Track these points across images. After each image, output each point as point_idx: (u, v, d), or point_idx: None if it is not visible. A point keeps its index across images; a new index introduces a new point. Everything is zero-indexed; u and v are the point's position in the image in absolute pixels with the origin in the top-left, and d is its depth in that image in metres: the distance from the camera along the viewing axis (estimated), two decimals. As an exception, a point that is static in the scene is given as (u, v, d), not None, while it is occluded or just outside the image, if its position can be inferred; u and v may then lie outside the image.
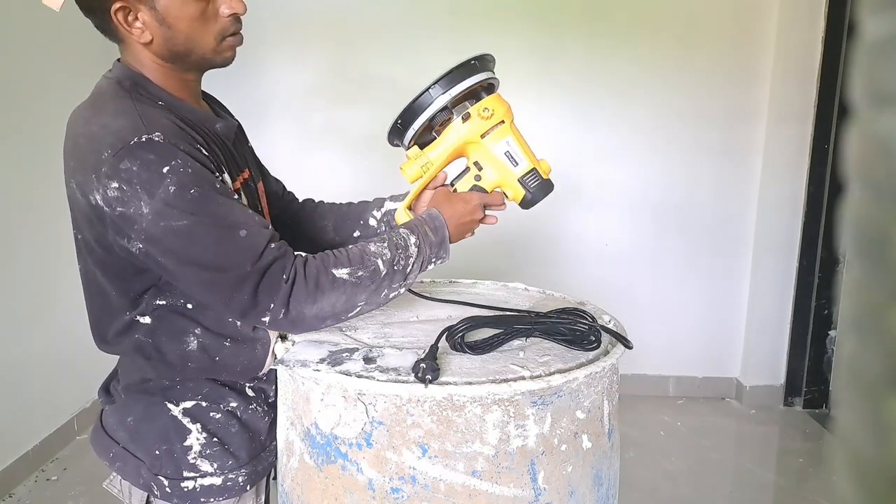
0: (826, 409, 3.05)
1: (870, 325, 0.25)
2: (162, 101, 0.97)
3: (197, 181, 0.90)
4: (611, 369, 1.02)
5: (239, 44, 1.03)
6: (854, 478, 0.26)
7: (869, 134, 0.25)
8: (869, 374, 0.25)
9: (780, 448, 2.90)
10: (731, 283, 3.12)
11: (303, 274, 0.95)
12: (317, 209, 1.34)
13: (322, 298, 0.96)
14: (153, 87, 0.98)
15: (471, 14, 2.92)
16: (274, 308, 0.94)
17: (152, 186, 0.88)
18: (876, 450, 0.24)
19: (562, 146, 3.02)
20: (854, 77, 0.26)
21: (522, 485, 0.91)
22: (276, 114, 3.04)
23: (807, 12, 2.81)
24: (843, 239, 0.27)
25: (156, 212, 0.89)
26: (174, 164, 0.89)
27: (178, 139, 0.91)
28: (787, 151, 2.92)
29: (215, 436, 1.06)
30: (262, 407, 1.12)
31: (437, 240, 1.06)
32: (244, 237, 0.92)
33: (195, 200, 0.89)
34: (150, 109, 0.93)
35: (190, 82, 1.04)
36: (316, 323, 0.99)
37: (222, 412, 1.07)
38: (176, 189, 0.88)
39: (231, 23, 0.99)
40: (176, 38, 0.96)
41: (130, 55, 0.99)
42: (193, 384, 1.06)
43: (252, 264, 0.92)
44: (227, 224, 0.92)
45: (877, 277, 0.24)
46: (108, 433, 1.09)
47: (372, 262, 0.99)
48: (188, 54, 0.98)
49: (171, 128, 0.92)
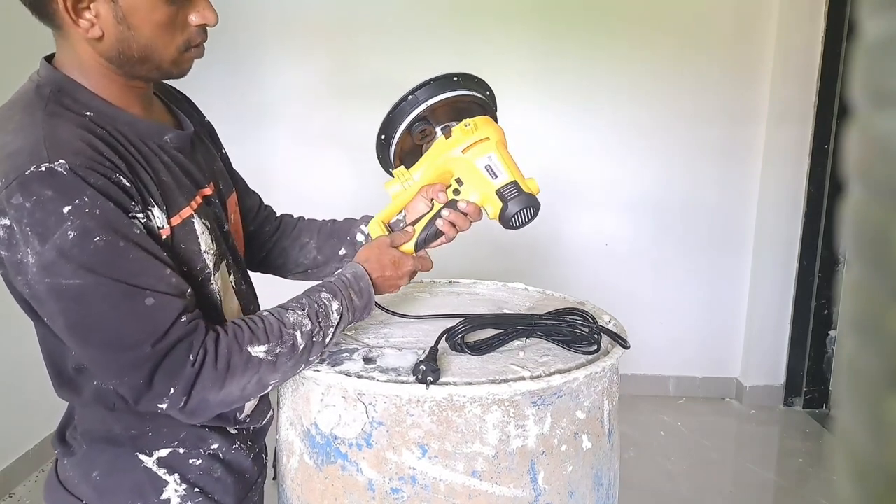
0: (826, 409, 3.05)
1: (870, 326, 0.25)
2: (91, 112, 0.81)
3: (105, 227, 0.74)
4: (610, 369, 1.02)
5: (200, 56, 0.89)
6: (854, 478, 0.26)
7: (869, 134, 0.25)
8: (869, 374, 0.25)
9: (780, 448, 2.90)
10: (731, 283, 3.12)
11: (213, 355, 0.80)
12: (297, 225, 1.21)
13: (232, 382, 0.82)
14: (84, 95, 0.82)
15: (471, 14, 2.92)
16: (173, 395, 0.79)
17: (46, 230, 0.72)
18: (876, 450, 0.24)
19: (562, 146, 3.02)
20: (854, 77, 0.26)
21: (522, 485, 0.91)
22: (276, 115, 3.04)
23: (807, 12, 2.81)
24: (843, 239, 0.27)
25: (44, 264, 0.73)
26: (78, 202, 0.72)
27: (88, 169, 0.74)
28: (787, 151, 2.92)
29: (196, 485, 0.94)
30: (245, 443, 1.01)
31: (362, 304, 0.97)
32: (149, 307, 0.76)
33: (98, 252, 0.73)
34: (62, 126, 0.77)
35: (138, 90, 0.88)
36: (217, 409, 0.85)
37: (203, 457, 0.95)
38: (76, 235, 0.72)
39: (198, 33, 0.86)
40: (134, 42, 0.81)
41: (68, 48, 0.83)
42: (168, 430, 0.92)
43: (153, 343, 0.77)
44: (131, 288, 0.75)
45: (877, 277, 0.24)
46: (68, 489, 0.93)
47: (290, 335, 0.86)
48: (143, 62, 0.83)
49: (82, 152, 0.75)
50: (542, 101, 2.99)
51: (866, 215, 0.25)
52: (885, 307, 0.24)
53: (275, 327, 0.86)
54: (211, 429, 0.95)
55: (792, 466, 2.69)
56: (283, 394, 1.04)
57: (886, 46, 0.24)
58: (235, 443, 0.99)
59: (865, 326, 0.25)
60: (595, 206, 3.07)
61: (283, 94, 3.03)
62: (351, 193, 3.00)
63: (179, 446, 0.93)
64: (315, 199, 2.92)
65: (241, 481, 1.00)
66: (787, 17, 2.84)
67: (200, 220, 0.89)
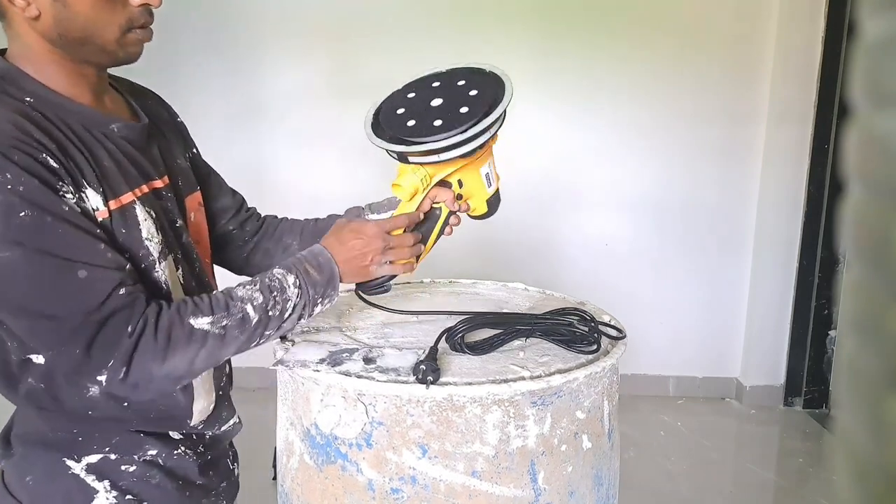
0: (826, 409, 3.05)
1: (870, 326, 0.25)
2: (32, 98, 0.82)
3: (31, 201, 0.74)
4: (611, 369, 1.02)
5: (147, 39, 0.88)
6: (854, 478, 0.26)
7: (869, 134, 0.25)
8: (869, 374, 0.25)
9: (780, 448, 2.90)
10: (731, 283, 3.12)
11: (153, 325, 0.80)
12: (280, 225, 1.19)
13: (174, 355, 0.81)
14: (26, 81, 0.83)
15: (471, 14, 2.92)
16: (112, 366, 0.79)
17: None
18: (876, 450, 0.24)
19: (562, 146, 3.02)
20: (854, 77, 0.26)
21: (522, 485, 0.91)
22: (276, 115, 3.04)
23: (807, 12, 2.81)
24: (843, 239, 0.27)
25: None
26: (1, 179, 0.73)
27: (10, 147, 0.74)
28: (787, 151, 2.92)
29: (129, 492, 0.91)
30: (192, 449, 0.97)
31: (323, 279, 0.93)
32: (82, 279, 0.77)
33: (24, 227, 0.74)
34: None
35: (87, 76, 0.87)
36: (167, 384, 0.84)
37: (137, 463, 0.92)
38: (1, 211, 0.73)
39: (140, 14, 0.85)
40: (72, 21, 0.81)
41: (14, 37, 0.84)
42: (100, 434, 0.90)
43: (87, 314, 0.77)
44: (61, 260, 0.76)
45: (877, 277, 0.24)
46: (11, 492, 0.92)
47: (239, 308, 0.86)
48: (83, 42, 0.83)
49: (6, 132, 0.76)
50: (542, 101, 2.99)
51: (866, 215, 0.25)
52: (885, 307, 0.24)
53: (221, 301, 0.86)
54: (147, 434, 0.93)
55: (792, 466, 2.69)
56: (283, 394, 1.04)
57: (886, 46, 0.24)
58: (178, 448, 0.96)
59: (865, 326, 0.25)
60: (595, 206, 3.07)
61: (282, 94, 3.03)
62: (350, 193, 3.00)
63: (111, 452, 0.91)
64: (315, 199, 2.92)
65: (187, 487, 0.96)
66: (787, 17, 2.84)
67: (144, 208, 0.88)
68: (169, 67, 2.88)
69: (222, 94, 2.97)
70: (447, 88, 1.03)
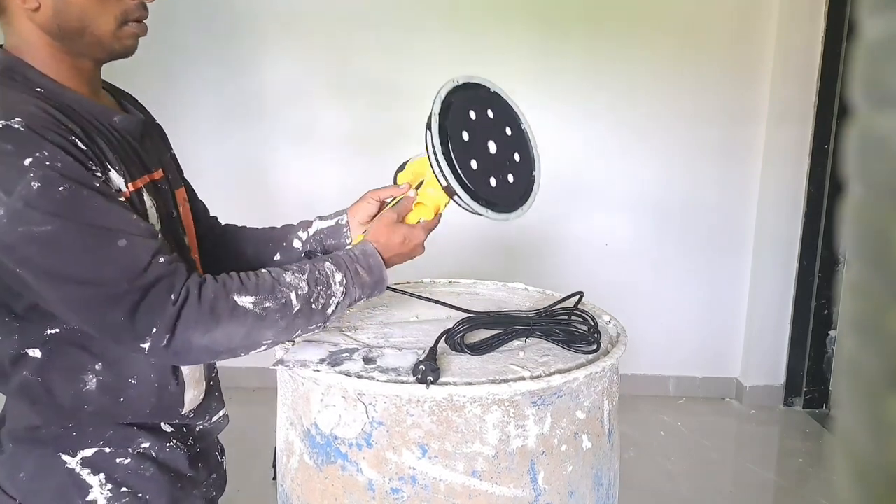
0: (826, 409, 3.05)
1: (870, 326, 0.25)
2: (41, 89, 0.84)
3: (67, 177, 0.76)
4: (611, 369, 1.02)
5: (142, 33, 0.90)
6: (854, 478, 0.26)
7: (869, 134, 0.25)
8: (869, 374, 0.25)
9: (780, 448, 2.90)
10: (731, 283, 3.12)
11: (196, 296, 0.81)
12: (237, 233, 1.20)
13: (216, 328, 0.82)
14: (32, 74, 0.85)
15: (471, 13, 2.92)
16: (156, 333, 0.79)
17: (10, 183, 0.74)
18: (876, 450, 0.24)
19: (562, 146, 3.01)
20: (854, 77, 0.26)
21: (522, 485, 0.91)
22: (275, 114, 3.04)
23: (807, 12, 2.81)
24: (843, 239, 0.27)
25: (12, 214, 0.75)
26: (38, 156, 0.75)
27: (44, 128, 0.77)
28: (787, 151, 2.92)
29: (124, 485, 0.91)
30: (183, 442, 0.98)
31: (372, 280, 0.96)
32: (123, 248, 0.79)
33: (64, 200, 0.76)
34: (15, 94, 0.80)
35: (85, 71, 0.89)
36: (205, 356, 0.85)
37: (132, 456, 0.92)
38: (41, 186, 0.75)
39: (136, 8, 0.87)
40: (69, 12, 0.83)
41: (13, 31, 0.86)
42: (93, 429, 0.91)
43: (130, 281, 0.78)
44: (101, 230, 0.78)
45: (877, 277, 0.24)
46: (2, 487, 0.92)
47: (283, 294, 0.86)
48: (80, 34, 0.85)
49: (37, 115, 0.78)
50: (542, 101, 2.99)
51: (866, 215, 0.25)
52: (885, 307, 0.24)
53: (267, 283, 0.86)
54: (140, 427, 0.94)
55: (792, 466, 2.69)
56: (283, 394, 1.05)
57: (886, 46, 0.24)
58: (170, 441, 0.96)
59: (865, 326, 0.25)
60: (595, 205, 3.07)
61: (282, 92, 3.03)
62: (350, 192, 3.00)
63: (105, 445, 0.91)
64: (312, 197, 2.92)
65: (179, 479, 0.97)
66: (787, 17, 2.84)
67: (150, 195, 0.91)
68: (168, 66, 2.88)
69: (221, 92, 2.96)
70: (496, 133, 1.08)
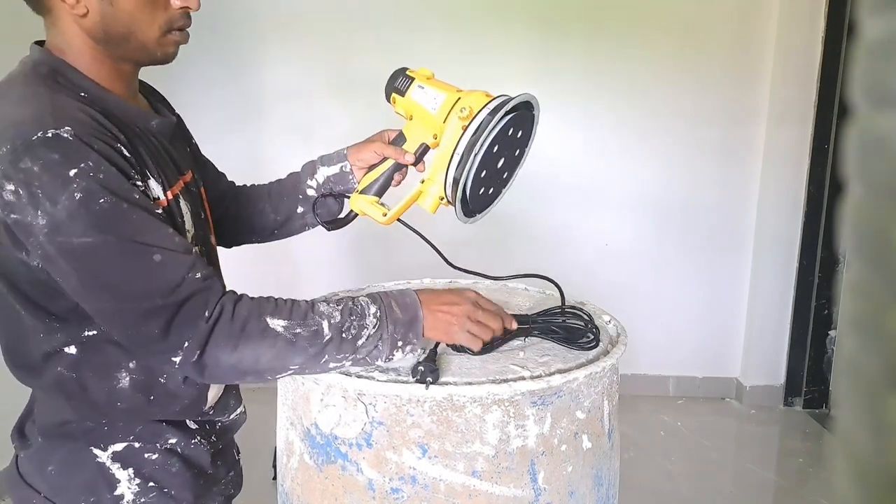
0: (826, 409, 3.05)
1: (870, 326, 0.25)
2: (85, 93, 0.85)
3: (109, 189, 0.77)
4: (611, 369, 1.02)
5: (184, 41, 0.92)
6: (854, 478, 0.26)
7: (869, 134, 0.25)
8: (869, 374, 0.25)
9: (780, 448, 2.90)
10: (731, 283, 3.12)
11: (230, 313, 0.82)
12: (251, 192, 1.22)
13: (245, 347, 0.82)
14: (76, 76, 0.86)
15: (471, 13, 2.92)
16: (188, 348, 0.80)
17: (55, 192, 0.75)
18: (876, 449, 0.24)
19: (562, 146, 3.01)
20: (854, 77, 0.26)
21: (522, 485, 0.91)
22: (275, 113, 3.04)
23: (807, 12, 2.81)
24: (843, 239, 0.27)
25: (54, 225, 0.76)
26: (83, 166, 0.76)
27: (92, 136, 0.78)
28: (787, 151, 2.92)
29: (151, 480, 0.93)
30: (206, 438, 1.00)
31: (406, 318, 0.90)
32: (158, 263, 0.80)
33: (104, 213, 0.77)
34: (64, 99, 0.81)
35: (125, 74, 0.91)
36: (232, 374, 0.85)
37: (159, 451, 0.94)
38: (83, 197, 0.76)
39: (180, 16, 0.89)
40: (116, 18, 0.84)
41: (57, 32, 0.86)
42: (124, 424, 0.92)
43: (164, 296, 0.79)
44: (138, 245, 0.79)
45: (877, 277, 0.24)
46: (27, 482, 0.94)
47: (315, 322, 0.85)
48: (126, 40, 0.86)
49: (85, 122, 0.79)
50: (542, 101, 2.96)
51: (866, 215, 0.25)
52: (885, 307, 0.24)
53: (301, 309, 0.86)
54: (168, 423, 0.95)
55: (792, 466, 2.69)
56: (283, 394, 1.04)
57: (886, 46, 0.24)
58: (195, 437, 0.98)
59: (865, 326, 0.25)
60: (595, 205, 3.07)
61: (282, 92, 3.03)
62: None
63: (135, 440, 0.93)
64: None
65: (201, 476, 0.99)
66: (787, 17, 2.84)
67: (184, 200, 0.94)
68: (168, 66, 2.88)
69: (221, 91, 2.96)
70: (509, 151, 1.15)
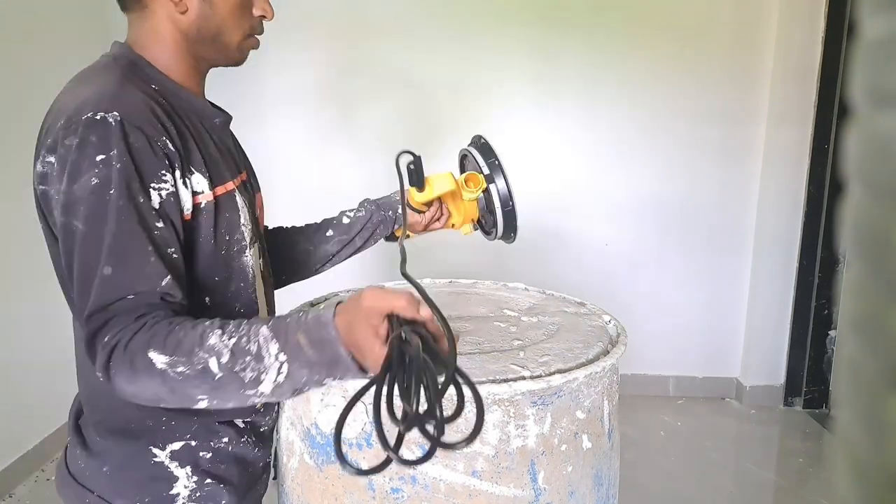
0: (826, 409, 3.05)
1: (870, 326, 0.25)
2: (157, 86, 0.89)
3: (121, 182, 0.77)
4: (611, 369, 1.02)
5: (256, 47, 0.99)
6: (853, 478, 0.26)
7: (869, 134, 0.25)
8: (869, 374, 0.25)
9: (780, 448, 2.90)
10: (731, 283, 3.12)
11: (123, 346, 0.76)
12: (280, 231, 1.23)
13: (139, 382, 0.76)
14: (152, 71, 0.90)
15: (471, 14, 2.92)
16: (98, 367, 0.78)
17: (78, 172, 0.77)
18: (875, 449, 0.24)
19: (562, 146, 3.02)
20: (854, 77, 0.26)
21: (522, 485, 0.91)
22: (283, 110, 3.04)
23: (807, 12, 2.81)
24: (843, 239, 0.27)
25: (65, 203, 0.78)
26: (112, 154, 0.77)
27: (139, 125, 0.79)
28: (787, 151, 2.92)
29: (206, 477, 0.94)
30: (252, 438, 1.01)
31: (323, 359, 0.74)
32: (106, 276, 0.77)
33: (104, 204, 0.77)
34: (130, 87, 0.84)
35: (200, 73, 0.97)
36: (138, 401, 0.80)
37: (213, 449, 0.95)
38: (97, 184, 0.77)
39: (258, 23, 0.97)
40: (212, 20, 0.91)
41: (146, 28, 0.91)
42: (180, 422, 0.93)
43: (93, 311, 0.77)
44: (107, 250, 0.77)
45: (877, 277, 0.24)
46: (79, 481, 0.93)
47: (201, 359, 0.75)
48: (213, 40, 0.92)
49: (140, 110, 0.81)
50: (542, 101, 2.99)
51: (866, 215, 0.25)
52: (885, 307, 0.24)
53: (188, 343, 0.76)
54: (221, 422, 0.96)
55: (792, 466, 2.69)
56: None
57: (886, 46, 0.24)
58: (244, 436, 0.99)
59: (865, 326, 0.25)
60: (595, 205, 3.07)
61: (284, 92, 3.03)
62: (361, 190, 3.00)
63: (192, 439, 0.94)
64: (316, 197, 2.92)
65: (245, 474, 1.00)
66: (787, 17, 2.84)
67: (241, 196, 0.95)
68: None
69: (229, 89, 2.96)
70: None
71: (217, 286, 0.92)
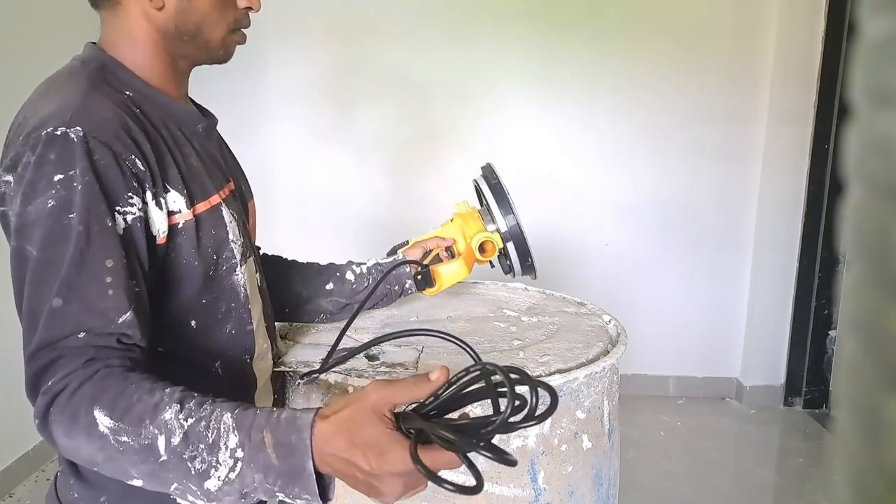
0: (826, 409, 3.05)
1: (870, 326, 0.25)
2: (131, 92, 0.81)
3: (82, 205, 0.70)
4: (611, 369, 1.02)
5: (242, 42, 0.91)
6: (853, 478, 0.26)
7: (869, 134, 0.25)
8: (869, 374, 0.25)
9: (780, 448, 2.90)
10: (731, 283, 3.12)
11: (69, 394, 0.68)
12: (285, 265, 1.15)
13: (76, 438, 0.68)
14: (125, 74, 0.82)
15: (471, 14, 2.92)
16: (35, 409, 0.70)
17: (34, 193, 0.70)
18: (875, 450, 0.24)
19: (562, 146, 3.02)
20: (854, 77, 0.26)
21: (522, 485, 0.91)
22: (277, 114, 3.04)
23: (807, 12, 2.81)
24: (843, 239, 0.27)
25: (19, 226, 0.71)
26: (72, 174, 0.70)
27: (101, 143, 0.72)
28: (787, 151, 2.92)
29: None
30: None
31: (284, 467, 0.64)
32: (56, 308, 0.70)
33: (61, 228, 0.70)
34: (99, 100, 0.76)
35: (180, 73, 0.88)
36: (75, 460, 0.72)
37: None
38: (54, 206, 0.69)
39: (243, 16, 0.88)
40: (191, 14, 0.82)
41: (119, 26, 0.83)
42: None
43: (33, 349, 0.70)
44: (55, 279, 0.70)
45: (877, 277, 0.24)
46: None
47: (150, 434, 0.66)
48: (194, 37, 0.84)
49: (107, 124, 0.74)
50: (542, 101, 2.99)
51: (866, 215, 0.25)
52: (885, 307, 0.24)
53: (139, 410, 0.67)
54: None
55: (792, 466, 2.69)
56: (284, 394, 1.04)
57: (886, 46, 0.24)
58: None
59: (865, 326, 0.25)
60: (595, 205, 3.07)
61: (283, 92, 3.03)
62: (359, 192, 3.00)
63: None
64: (317, 198, 2.92)
65: None
66: (787, 17, 2.84)
67: (228, 210, 0.87)
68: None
69: (222, 90, 2.96)
70: None
71: (203, 308, 0.84)
